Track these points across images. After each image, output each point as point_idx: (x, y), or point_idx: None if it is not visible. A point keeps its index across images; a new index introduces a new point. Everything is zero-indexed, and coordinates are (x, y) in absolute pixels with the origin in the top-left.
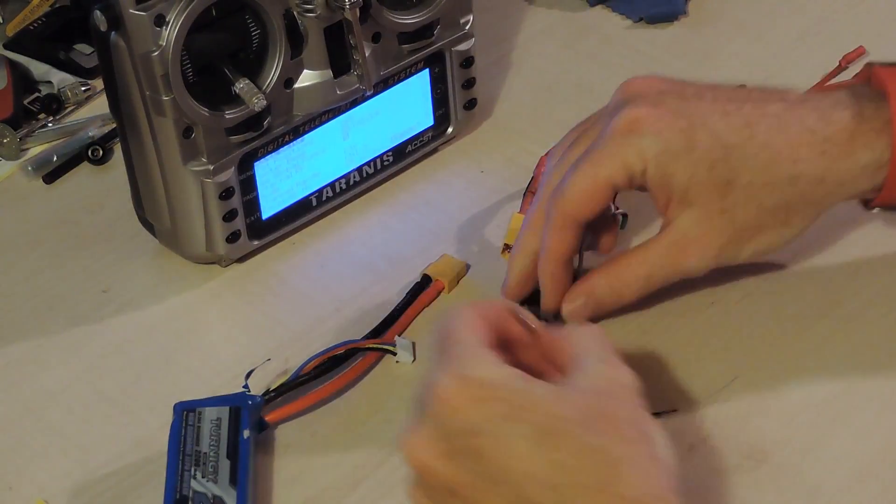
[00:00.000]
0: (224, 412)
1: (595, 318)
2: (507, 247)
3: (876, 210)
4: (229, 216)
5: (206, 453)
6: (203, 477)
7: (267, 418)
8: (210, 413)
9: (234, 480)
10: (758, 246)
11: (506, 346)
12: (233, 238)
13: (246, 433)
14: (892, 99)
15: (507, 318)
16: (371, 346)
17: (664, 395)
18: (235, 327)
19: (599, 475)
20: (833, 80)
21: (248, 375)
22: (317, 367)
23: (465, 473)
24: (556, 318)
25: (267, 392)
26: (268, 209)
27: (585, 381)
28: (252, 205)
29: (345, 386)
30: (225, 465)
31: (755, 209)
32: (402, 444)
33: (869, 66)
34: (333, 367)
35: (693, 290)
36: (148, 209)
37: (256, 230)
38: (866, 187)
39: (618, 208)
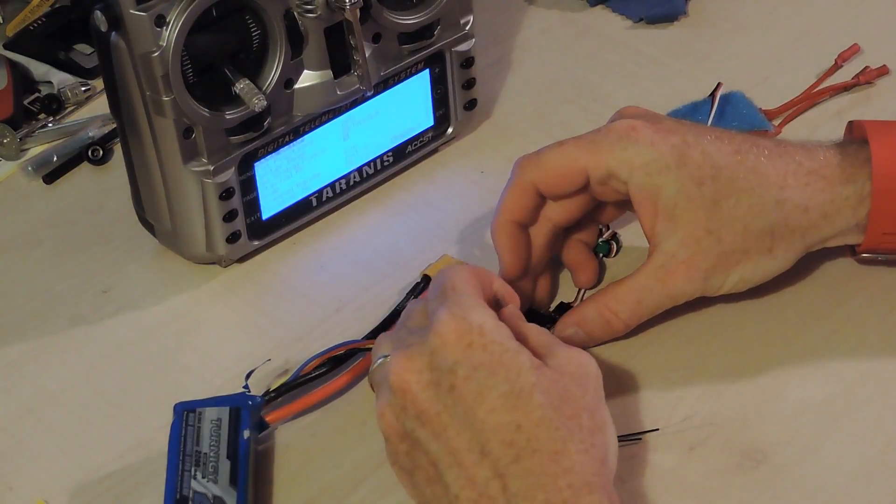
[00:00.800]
0: (224, 412)
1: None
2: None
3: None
4: (229, 216)
5: (206, 454)
6: (203, 477)
7: (267, 418)
8: (210, 413)
9: (234, 481)
10: (743, 273)
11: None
12: (233, 238)
13: (246, 433)
14: (872, 139)
15: (493, 283)
16: (371, 346)
17: (664, 395)
18: (235, 327)
19: (551, 446)
20: (829, 79)
21: (248, 376)
22: (317, 367)
23: (437, 405)
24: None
25: (267, 392)
26: (268, 209)
27: (556, 362)
28: (252, 205)
29: (345, 386)
30: (225, 465)
31: (741, 232)
32: (393, 363)
33: (850, 122)
34: (333, 367)
35: None
36: (148, 209)
37: (256, 230)
38: (850, 222)
39: (613, 232)
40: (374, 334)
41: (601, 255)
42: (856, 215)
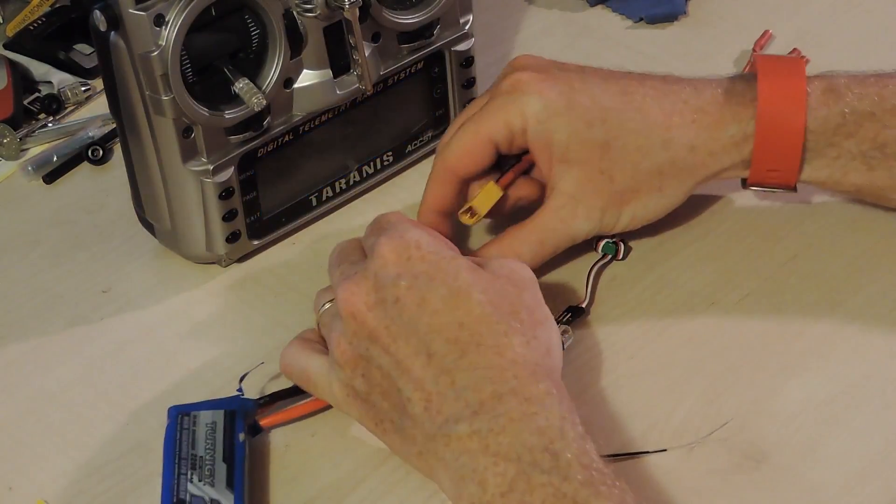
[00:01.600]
0: (219, 415)
1: None
2: (469, 209)
3: (757, 190)
4: (229, 216)
5: (202, 457)
6: (200, 480)
7: (262, 423)
8: (205, 416)
9: (230, 483)
10: (634, 211)
11: None
12: (233, 238)
13: (241, 436)
14: (760, 78)
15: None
16: None
17: (664, 395)
18: (235, 327)
19: (494, 339)
20: None
21: (241, 379)
22: None
23: (384, 320)
24: None
25: (261, 397)
26: (268, 209)
27: (491, 268)
28: (252, 205)
29: None
30: (221, 468)
31: (631, 171)
32: (340, 292)
33: (753, 55)
34: None
35: (693, 290)
36: (148, 209)
37: (256, 230)
38: (735, 159)
39: (614, 235)
40: None
41: (609, 255)
42: (741, 153)
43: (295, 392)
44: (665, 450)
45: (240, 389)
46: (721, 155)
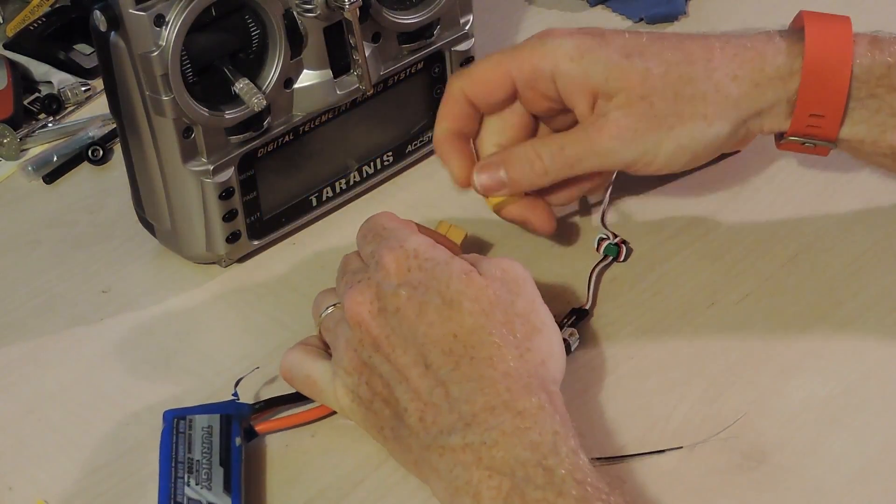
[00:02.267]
0: (215, 420)
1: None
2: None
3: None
4: (229, 216)
5: (198, 460)
6: (197, 484)
7: (257, 428)
8: (201, 420)
9: (227, 487)
10: (680, 138)
11: None
12: (233, 238)
13: (238, 440)
14: (808, 22)
15: (416, 226)
16: None
17: (664, 395)
18: (235, 327)
19: (486, 351)
20: None
21: (237, 384)
22: None
23: (386, 329)
24: None
25: (257, 402)
26: (268, 209)
27: (483, 270)
28: (252, 205)
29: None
30: (218, 472)
31: (672, 96)
32: (346, 300)
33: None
34: None
35: (693, 290)
36: (148, 209)
37: (256, 230)
38: (780, 95)
39: (616, 236)
40: None
41: (610, 257)
42: (786, 88)
43: (290, 399)
44: (664, 451)
45: (235, 394)
46: (765, 87)
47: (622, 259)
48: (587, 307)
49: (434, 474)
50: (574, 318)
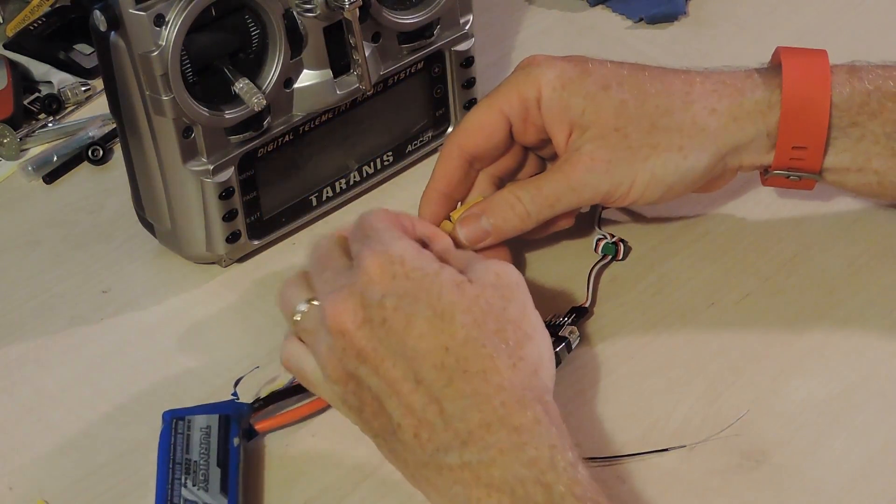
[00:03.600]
0: (213, 420)
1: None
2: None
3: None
4: (229, 216)
5: (196, 461)
6: (194, 485)
7: (257, 426)
8: (199, 421)
9: (224, 488)
10: (654, 168)
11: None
12: (233, 238)
13: (236, 441)
14: (784, 56)
15: (415, 226)
16: None
17: (664, 395)
18: (235, 327)
19: (479, 364)
20: None
21: (236, 383)
22: None
23: (373, 340)
24: None
25: (256, 400)
26: (268, 209)
27: (475, 275)
28: (252, 204)
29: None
30: (216, 472)
31: (648, 126)
32: (328, 307)
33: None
34: None
35: (693, 290)
36: (148, 209)
37: (256, 230)
38: (760, 129)
39: (613, 236)
40: None
41: (609, 256)
42: (766, 122)
43: (289, 393)
44: (665, 449)
45: (234, 394)
46: (744, 121)
47: (621, 257)
48: (587, 305)
49: (433, 490)
50: (574, 316)
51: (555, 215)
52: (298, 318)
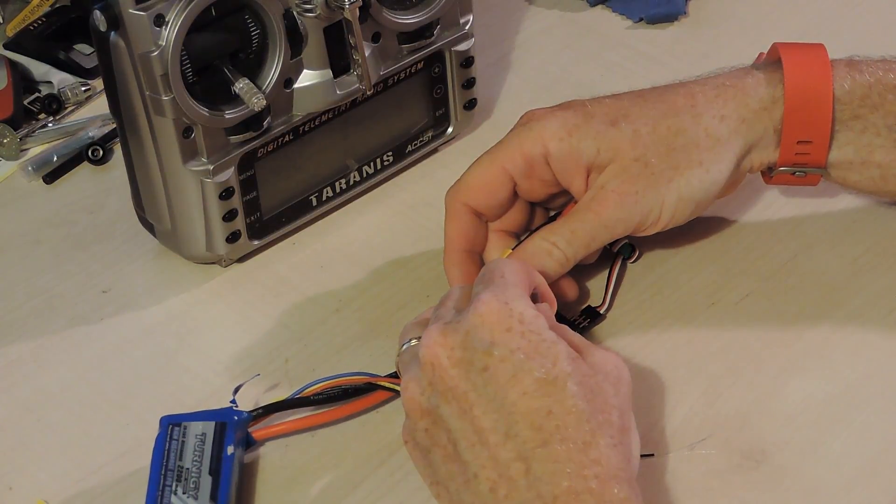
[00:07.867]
0: (210, 427)
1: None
2: None
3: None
4: (229, 216)
5: (188, 469)
6: (184, 493)
7: (255, 434)
8: (195, 428)
9: (214, 497)
10: (680, 188)
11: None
12: (233, 238)
13: (230, 449)
14: (783, 52)
15: (536, 279)
16: (392, 384)
17: (664, 395)
18: (235, 328)
19: (581, 436)
20: None
21: (235, 391)
22: (320, 392)
23: (466, 383)
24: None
25: (255, 409)
26: (268, 209)
27: (592, 360)
28: (252, 205)
29: (343, 417)
30: (207, 481)
31: (665, 150)
32: (426, 337)
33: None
34: (340, 396)
35: (693, 291)
36: (148, 209)
37: (257, 230)
38: (767, 124)
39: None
40: (396, 375)
41: (624, 256)
42: (772, 118)
43: (290, 405)
44: (652, 454)
45: (233, 401)
46: (753, 121)
47: (633, 260)
48: (602, 310)
49: None
50: (588, 320)
51: (588, 254)
52: (401, 350)
